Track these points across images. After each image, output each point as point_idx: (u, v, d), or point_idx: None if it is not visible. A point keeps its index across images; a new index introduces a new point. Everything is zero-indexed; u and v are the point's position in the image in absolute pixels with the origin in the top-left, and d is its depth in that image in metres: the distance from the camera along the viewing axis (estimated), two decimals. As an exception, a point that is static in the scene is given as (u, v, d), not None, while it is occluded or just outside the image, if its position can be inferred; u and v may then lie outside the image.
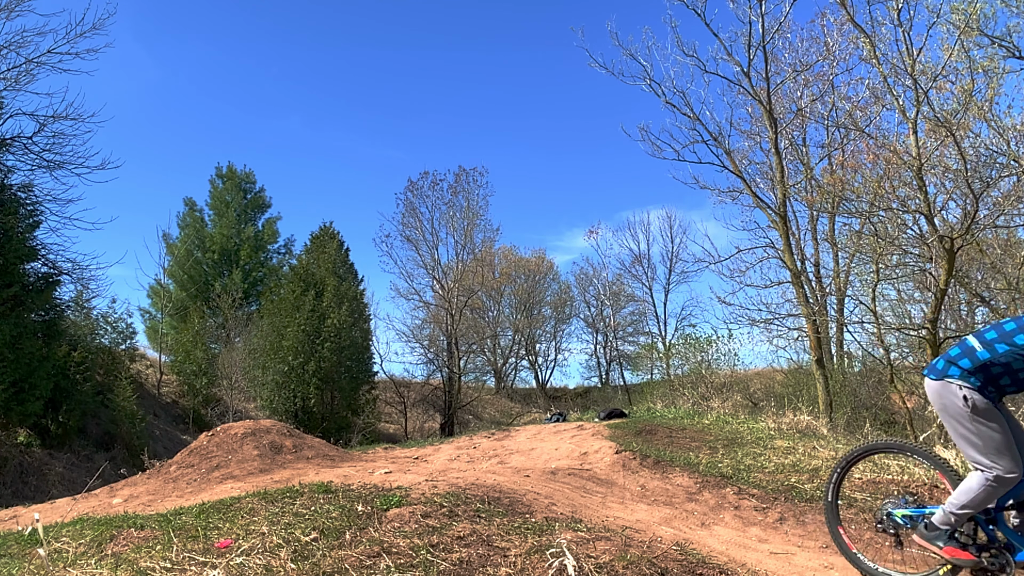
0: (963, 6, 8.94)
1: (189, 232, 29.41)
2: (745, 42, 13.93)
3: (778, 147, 14.31)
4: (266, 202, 31.19)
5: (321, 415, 20.84)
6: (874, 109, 12.15)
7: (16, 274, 13.65)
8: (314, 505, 3.59)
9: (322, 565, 2.73)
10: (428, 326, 30.78)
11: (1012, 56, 9.25)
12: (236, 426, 6.74)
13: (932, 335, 9.83)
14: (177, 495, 5.22)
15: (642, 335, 35.70)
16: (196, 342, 22.59)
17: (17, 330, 13.00)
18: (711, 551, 3.68)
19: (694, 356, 20.17)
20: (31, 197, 14.86)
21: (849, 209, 11.55)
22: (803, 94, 15.27)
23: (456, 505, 3.66)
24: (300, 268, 23.59)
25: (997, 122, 9.08)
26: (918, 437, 9.79)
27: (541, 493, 4.61)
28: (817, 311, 13.74)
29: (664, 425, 8.53)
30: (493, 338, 35.08)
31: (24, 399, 13.01)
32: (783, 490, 5.22)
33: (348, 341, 21.73)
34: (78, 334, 17.13)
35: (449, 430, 25.17)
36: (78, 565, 2.82)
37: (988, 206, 9.71)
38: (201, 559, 2.82)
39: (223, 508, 3.66)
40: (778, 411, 10.86)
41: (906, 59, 9.66)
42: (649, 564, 2.91)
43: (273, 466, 5.92)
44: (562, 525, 3.46)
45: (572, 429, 8.34)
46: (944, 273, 9.53)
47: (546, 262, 36.66)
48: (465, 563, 2.83)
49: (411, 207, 29.54)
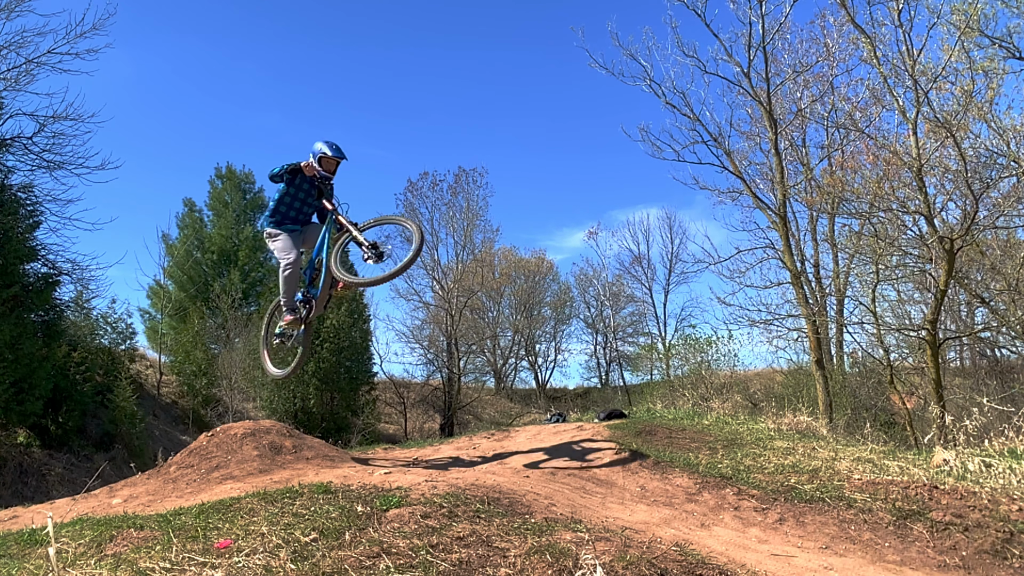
0: (963, 7, 8.95)
1: (188, 232, 29.38)
2: (745, 43, 13.94)
3: (778, 148, 14.31)
4: (265, 202, 31.07)
5: (321, 416, 20.83)
6: (874, 110, 12.16)
7: (16, 274, 13.65)
8: (314, 505, 3.58)
9: (322, 565, 2.73)
10: (428, 327, 30.79)
11: (1012, 57, 9.25)
12: (236, 426, 6.73)
13: (932, 336, 9.83)
14: (177, 495, 5.22)
15: (642, 336, 35.71)
16: (196, 342, 22.58)
17: (17, 330, 12.99)
18: (711, 552, 3.67)
19: (694, 357, 20.19)
20: (31, 197, 14.87)
21: (849, 210, 11.55)
22: (803, 95, 15.27)
23: (456, 506, 3.66)
24: (300, 268, 23.54)
25: (997, 123, 9.09)
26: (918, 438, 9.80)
27: (541, 493, 4.61)
28: (817, 312, 13.75)
29: (664, 426, 8.52)
30: (493, 338, 35.07)
31: (24, 399, 13.00)
32: (783, 491, 5.22)
33: (347, 342, 21.73)
34: (78, 334, 17.12)
35: (449, 431, 25.16)
36: (78, 565, 2.82)
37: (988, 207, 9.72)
38: (201, 559, 2.81)
39: (223, 508, 3.66)
40: (778, 412, 10.86)
41: (906, 60, 9.66)
42: (649, 565, 2.91)
43: (273, 467, 5.91)
44: (562, 526, 3.46)
45: (572, 430, 8.33)
46: (944, 274, 9.53)
47: (546, 263, 36.68)
48: (465, 563, 2.83)
49: (411, 207, 29.56)
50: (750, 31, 13.82)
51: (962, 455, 5.93)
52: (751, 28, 13.79)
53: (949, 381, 14.47)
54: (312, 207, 6.09)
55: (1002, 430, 7.05)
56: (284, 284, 5.94)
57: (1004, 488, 4.56)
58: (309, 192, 5.99)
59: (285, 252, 5.87)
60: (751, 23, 13.77)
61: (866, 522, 4.51)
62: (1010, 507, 4.46)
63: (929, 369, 9.85)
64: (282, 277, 5.92)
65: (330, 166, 5.91)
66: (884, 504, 4.66)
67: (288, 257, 5.83)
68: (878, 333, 12.38)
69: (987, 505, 4.54)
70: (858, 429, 11.12)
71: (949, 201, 10.59)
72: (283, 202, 5.98)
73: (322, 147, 5.90)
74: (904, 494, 4.72)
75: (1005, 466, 5.47)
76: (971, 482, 5.16)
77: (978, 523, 4.34)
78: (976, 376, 17.59)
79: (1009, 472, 5.30)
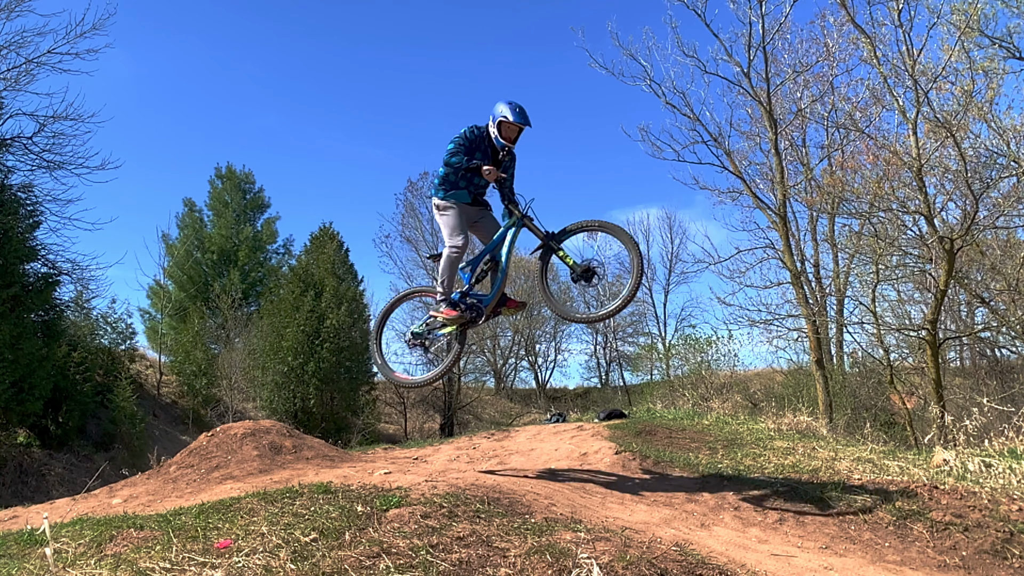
0: (963, 7, 8.95)
1: (188, 232, 29.40)
2: (745, 43, 13.95)
3: (778, 148, 14.31)
4: (265, 202, 31.18)
5: (321, 416, 20.83)
6: (874, 110, 12.16)
7: (16, 274, 13.65)
8: (314, 505, 3.59)
9: (322, 566, 2.73)
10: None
11: (1012, 57, 9.26)
12: (236, 426, 6.73)
13: (932, 336, 9.83)
14: (177, 495, 5.22)
15: (642, 336, 35.69)
16: (196, 343, 22.59)
17: (17, 330, 12.99)
18: (711, 552, 3.67)
19: (694, 357, 20.20)
20: (31, 197, 14.89)
21: (849, 210, 11.56)
22: (803, 95, 15.27)
23: (456, 505, 3.66)
24: (299, 268, 23.59)
25: (997, 123, 9.09)
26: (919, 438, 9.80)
27: (541, 493, 4.61)
28: (817, 312, 13.75)
29: (664, 426, 8.52)
30: (493, 339, 35.05)
31: (24, 399, 13.00)
32: (783, 491, 5.22)
33: (347, 342, 21.73)
34: (78, 334, 17.13)
35: (449, 431, 25.16)
36: (78, 565, 2.82)
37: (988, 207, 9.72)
38: (201, 559, 2.81)
39: (223, 508, 3.66)
40: (778, 412, 10.86)
41: (906, 60, 9.67)
42: (649, 565, 2.91)
43: (273, 467, 5.92)
44: (562, 526, 3.46)
45: (572, 430, 8.33)
46: (944, 274, 9.53)
47: (546, 263, 36.58)
48: (465, 563, 2.83)
49: (411, 207, 29.53)
50: (750, 31, 13.83)
51: (962, 455, 5.94)
52: (751, 28, 13.81)
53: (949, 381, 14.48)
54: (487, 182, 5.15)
55: (1002, 430, 7.05)
56: (447, 269, 5.07)
57: (1004, 488, 4.57)
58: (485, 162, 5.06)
59: (453, 233, 5.04)
60: (751, 23, 13.79)
61: (866, 522, 4.51)
62: (1010, 507, 4.46)
63: (929, 369, 9.85)
64: (445, 260, 5.08)
65: (511, 133, 5.01)
66: (884, 504, 4.66)
67: (456, 240, 5.01)
68: (878, 333, 12.39)
69: (987, 505, 4.54)
70: (858, 429, 11.12)
71: (949, 201, 10.60)
72: (455, 172, 5.12)
73: (503, 110, 4.96)
74: (904, 494, 4.72)
75: (1005, 466, 5.47)
76: (971, 482, 5.16)
77: (978, 523, 4.35)
78: (976, 376, 17.60)
79: (1009, 472, 5.30)
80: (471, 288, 5.23)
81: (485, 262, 5.22)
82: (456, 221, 5.05)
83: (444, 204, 5.09)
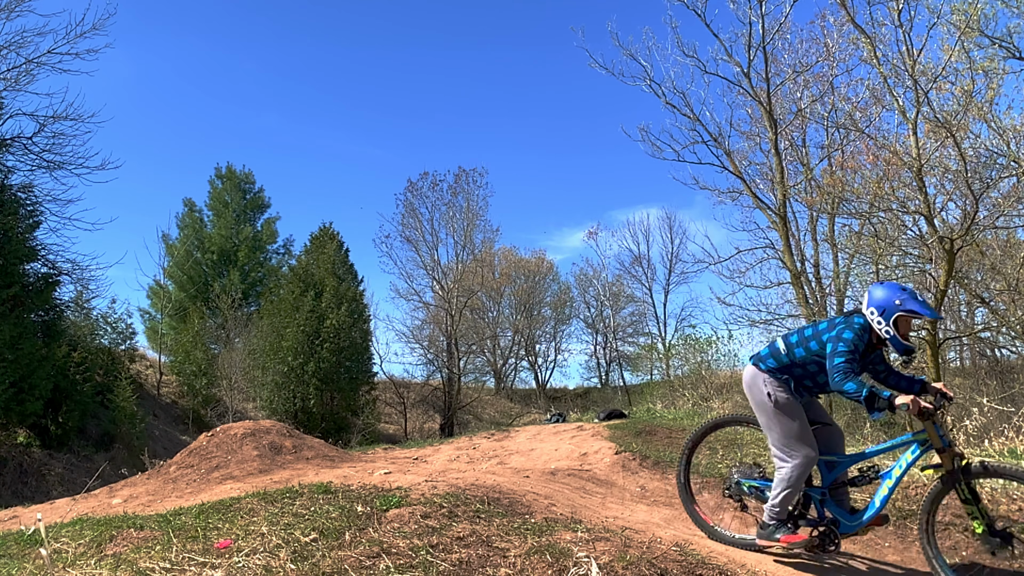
0: (963, 7, 8.95)
1: (188, 233, 29.39)
2: (745, 43, 13.94)
3: (778, 148, 14.30)
4: (265, 202, 31.18)
5: (321, 416, 20.84)
6: (874, 110, 12.17)
7: (16, 274, 13.66)
8: (314, 506, 3.58)
9: (321, 566, 2.73)
10: (428, 327, 30.80)
11: (1012, 57, 9.26)
12: (236, 426, 6.73)
13: (932, 336, 9.83)
14: (177, 495, 5.22)
15: (642, 336, 35.71)
16: (196, 343, 22.60)
17: (17, 330, 12.99)
18: (711, 552, 3.68)
19: (694, 357, 20.18)
20: (31, 197, 14.90)
21: (849, 210, 11.56)
22: (803, 95, 15.25)
23: (456, 506, 3.66)
24: (299, 268, 23.59)
25: (997, 123, 9.09)
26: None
27: (541, 494, 4.61)
28: (817, 312, 13.74)
29: (664, 426, 8.52)
30: (493, 339, 35.08)
31: (24, 399, 13.00)
32: (783, 491, 5.21)
33: (347, 342, 21.74)
34: (78, 334, 17.13)
35: (449, 431, 25.16)
36: (78, 565, 2.82)
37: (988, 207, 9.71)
38: (201, 559, 2.81)
39: (223, 508, 3.66)
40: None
41: (906, 60, 9.67)
42: (649, 565, 2.91)
43: (273, 467, 5.92)
44: (562, 526, 3.46)
45: (572, 430, 8.33)
46: (944, 274, 9.53)
47: (546, 263, 36.68)
48: (465, 563, 2.83)
49: (411, 208, 29.61)
50: (750, 31, 13.82)
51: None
52: (751, 28, 13.79)
53: (949, 381, 14.47)
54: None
55: (1002, 430, 7.05)
56: (790, 484, 3.70)
57: (1004, 488, 4.56)
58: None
59: (800, 441, 3.70)
60: (751, 23, 13.77)
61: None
62: (1010, 507, 4.46)
63: (929, 369, 9.85)
64: (793, 472, 3.68)
65: (907, 329, 3.57)
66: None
67: (804, 452, 3.68)
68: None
69: (987, 505, 4.54)
70: (858, 429, 11.12)
71: (949, 201, 10.60)
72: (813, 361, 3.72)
73: (905, 301, 3.48)
74: (904, 494, 4.71)
75: (1005, 466, 5.46)
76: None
77: (978, 523, 4.34)
78: (976, 376, 17.60)
79: (1009, 472, 5.29)
80: (825, 505, 3.82)
81: (842, 475, 3.88)
82: (801, 426, 3.76)
83: (782, 393, 3.78)
